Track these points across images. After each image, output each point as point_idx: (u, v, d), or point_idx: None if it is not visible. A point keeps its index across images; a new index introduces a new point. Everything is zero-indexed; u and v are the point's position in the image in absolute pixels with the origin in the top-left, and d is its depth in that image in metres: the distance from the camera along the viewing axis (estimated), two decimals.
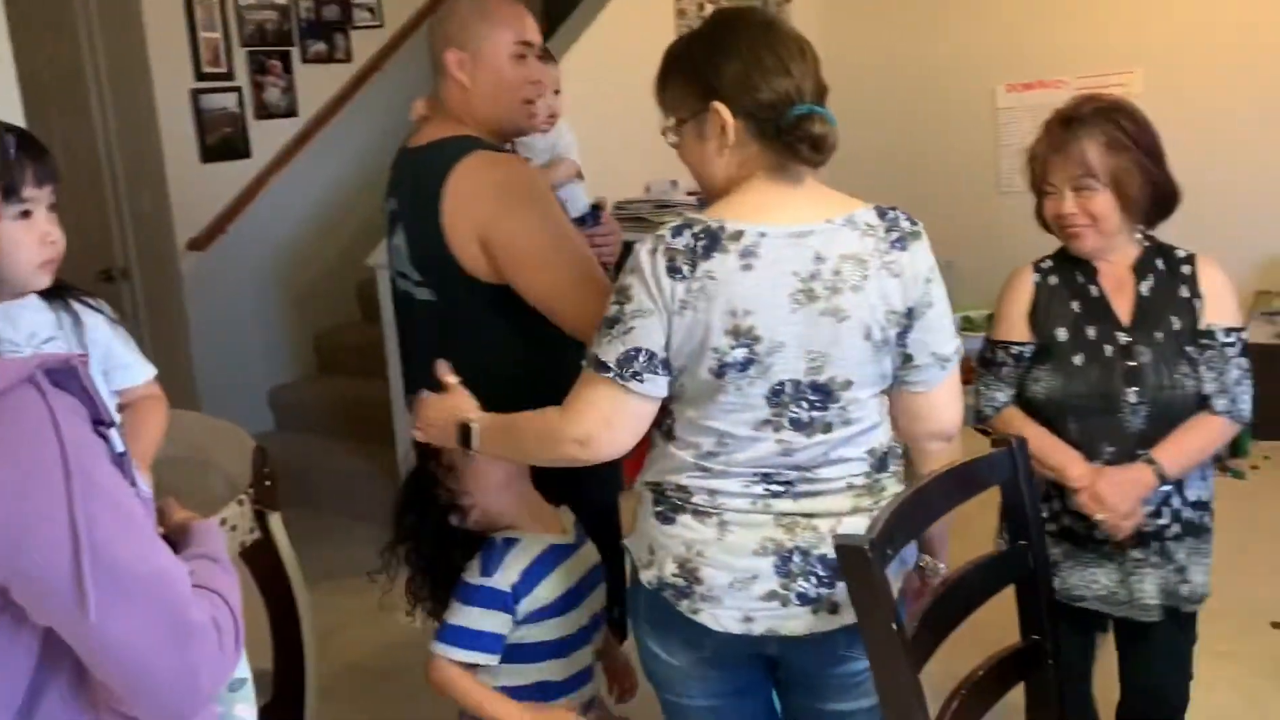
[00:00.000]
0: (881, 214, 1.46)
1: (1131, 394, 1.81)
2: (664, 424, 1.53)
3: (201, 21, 4.31)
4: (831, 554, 1.45)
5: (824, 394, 1.44)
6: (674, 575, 1.50)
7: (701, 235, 1.40)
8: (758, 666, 1.61)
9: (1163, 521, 1.85)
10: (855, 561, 1.29)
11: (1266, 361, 4.50)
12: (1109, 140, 1.81)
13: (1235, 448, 4.27)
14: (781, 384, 1.43)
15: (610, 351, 1.44)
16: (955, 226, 5.78)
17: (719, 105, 1.43)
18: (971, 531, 1.91)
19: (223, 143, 4.43)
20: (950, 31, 5.92)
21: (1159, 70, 5.41)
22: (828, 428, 1.46)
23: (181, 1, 4.25)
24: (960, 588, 1.51)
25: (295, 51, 4.71)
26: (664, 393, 1.46)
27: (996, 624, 1.66)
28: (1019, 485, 1.61)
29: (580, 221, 2.35)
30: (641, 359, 1.42)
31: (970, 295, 5.67)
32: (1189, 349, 1.82)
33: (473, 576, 1.79)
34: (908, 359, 1.49)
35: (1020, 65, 5.75)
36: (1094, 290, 1.89)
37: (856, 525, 1.47)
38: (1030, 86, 5.75)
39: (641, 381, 1.43)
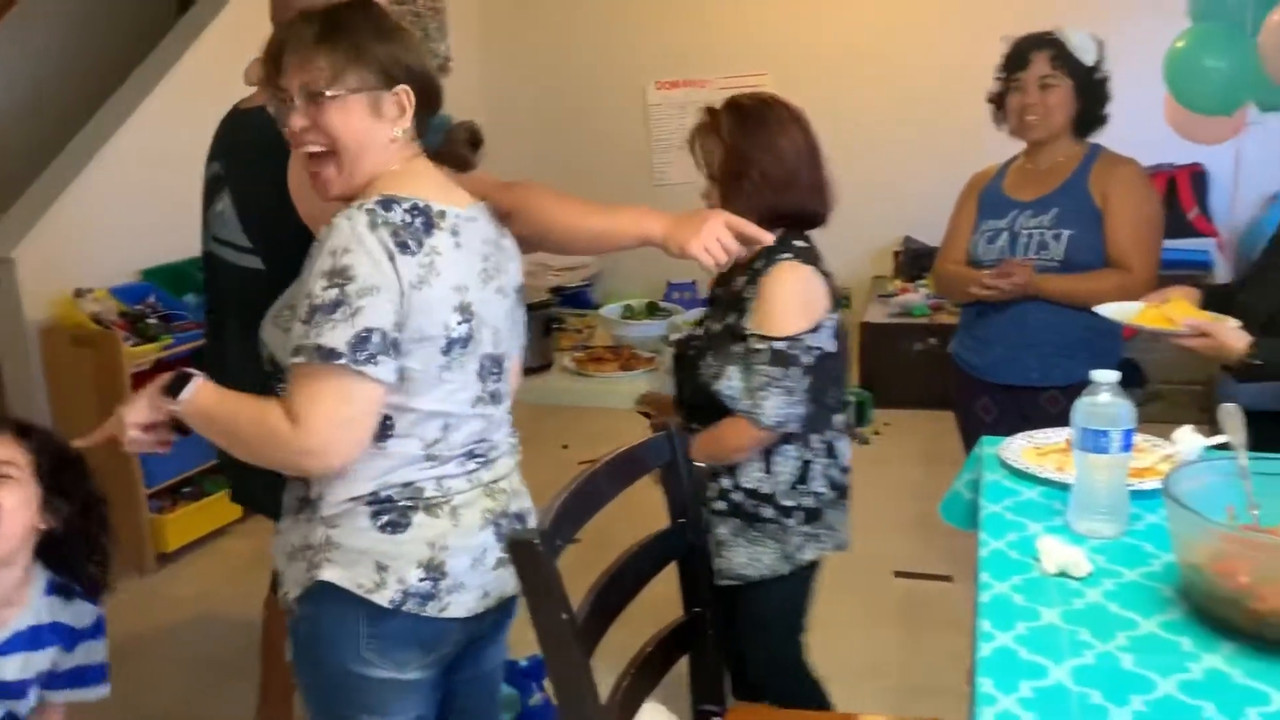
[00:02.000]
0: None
1: (684, 379, 2.05)
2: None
3: None
4: (515, 508, 1.58)
5: (499, 366, 1.55)
6: (419, 580, 1.46)
7: (414, 212, 1.40)
8: (463, 638, 1.59)
9: (710, 495, 1.99)
10: (526, 554, 1.31)
11: (881, 338, 5.13)
12: (705, 156, 1.99)
13: (860, 416, 4.77)
14: (484, 357, 1.50)
15: (337, 336, 1.32)
16: None
17: (409, 91, 1.45)
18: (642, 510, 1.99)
19: None
20: (604, 30, 6.12)
21: (785, 73, 5.90)
22: (500, 397, 1.57)
23: None
24: (626, 570, 1.57)
25: None
26: (394, 379, 1.38)
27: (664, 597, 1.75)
28: (676, 467, 1.71)
29: None
30: (375, 340, 1.34)
31: (630, 285, 5.92)
32: (734, 347, 1.92)
33: None
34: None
35: (669, 65, 6.05)
36: (728, 283, 2.07)
37: (517, 478, 1.63)
38: (677, 85, 6.06)
39: (377, 364, 1.35)
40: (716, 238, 1.60)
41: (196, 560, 3.61)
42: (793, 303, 1.91)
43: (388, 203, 1.38)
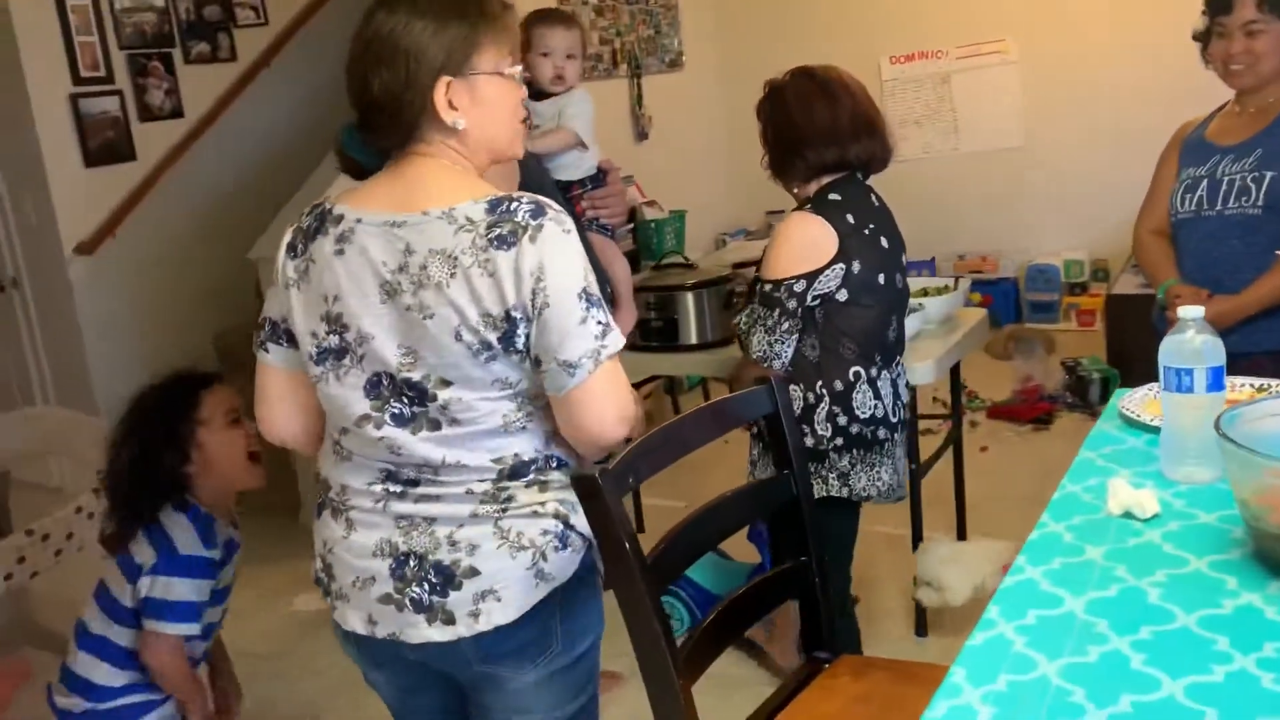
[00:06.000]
0: (492, 207, 1.33)
1: None
2: None
3: (76, 26, 4.32)
4: (446, 560, 1.39)
5: (420, 392, 1.37)
6: (320, 571, 1.52)
7: (316, 215, 1.44)
8: (415, 665, 1.51)
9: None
10: (587, 489, 1.38)
11: (1129, 310, 4.75)
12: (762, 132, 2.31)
13: (1104, 393, 4.46)
14: (378, 375, 1.38)
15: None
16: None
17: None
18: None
19: (105, 146, 4.45)
20: (836, 6, 6.08)
21: (1026, 38, 5.62)
22: (435, 425, 1.38)
23: (54, 8, 4.27)
24: (715, 513, 1.61)
25: (177, 53, 4.74)
26: (286, 364, 1.48)
27: None
28: (779, 418, 1.73)
29: (582, 184, 2.51)
30: (266, 328, 1.48)
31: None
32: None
33: (191, 547, 1.91)
34: (537, 363, 1.36)
35: (902, 38, 5.92)
36: None
37: (477, 533, 1.39)
38: (911, 58, 5.92)
39: (266, 351, 1.48)
40: None
41: None
42: (785, 249, 2.10)
43: (315, 206, 1.46)
